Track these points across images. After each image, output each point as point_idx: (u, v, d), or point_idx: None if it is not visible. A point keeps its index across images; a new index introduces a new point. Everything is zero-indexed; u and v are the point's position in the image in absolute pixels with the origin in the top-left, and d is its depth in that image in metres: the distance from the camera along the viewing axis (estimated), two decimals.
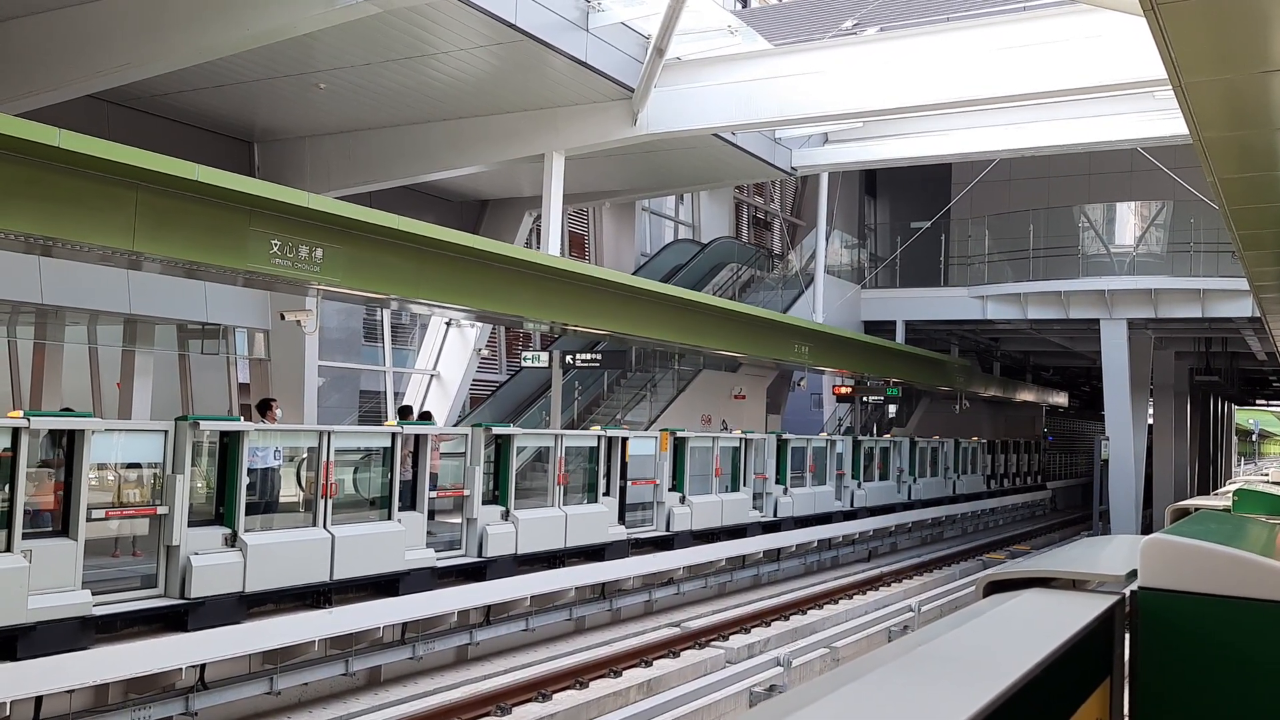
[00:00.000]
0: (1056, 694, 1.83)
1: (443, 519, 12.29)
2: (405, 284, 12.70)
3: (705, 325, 18.83)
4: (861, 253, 31.43)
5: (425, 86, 15.44)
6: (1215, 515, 4.70)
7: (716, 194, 30.17)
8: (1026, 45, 14.50)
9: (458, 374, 22.30)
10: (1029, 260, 27.08)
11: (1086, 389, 41.68)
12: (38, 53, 12.12)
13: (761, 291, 27.58)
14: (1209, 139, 7.04)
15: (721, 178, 23.04)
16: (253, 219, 10.62)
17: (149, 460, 9.22)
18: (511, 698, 10.22)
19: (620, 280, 17.01)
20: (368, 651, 10.65)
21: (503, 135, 16.83)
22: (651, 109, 16.05)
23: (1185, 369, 32.43)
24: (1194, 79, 5.97)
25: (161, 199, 9.76)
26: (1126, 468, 24.64)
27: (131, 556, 9.30)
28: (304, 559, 9.78)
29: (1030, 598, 2.25)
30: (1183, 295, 23.86)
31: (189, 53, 12.13)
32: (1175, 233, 25.79)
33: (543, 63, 14.64)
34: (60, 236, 9.16)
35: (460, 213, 22.28)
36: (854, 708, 1.41)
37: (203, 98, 15.63)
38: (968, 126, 18.86)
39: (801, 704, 1.36)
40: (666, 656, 12.25)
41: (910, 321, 27.92)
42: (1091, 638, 2.02)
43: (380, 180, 17.76)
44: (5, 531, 7.53)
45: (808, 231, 30.46)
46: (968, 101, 16.00)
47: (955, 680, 1.58)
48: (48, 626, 7.59)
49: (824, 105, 16.03)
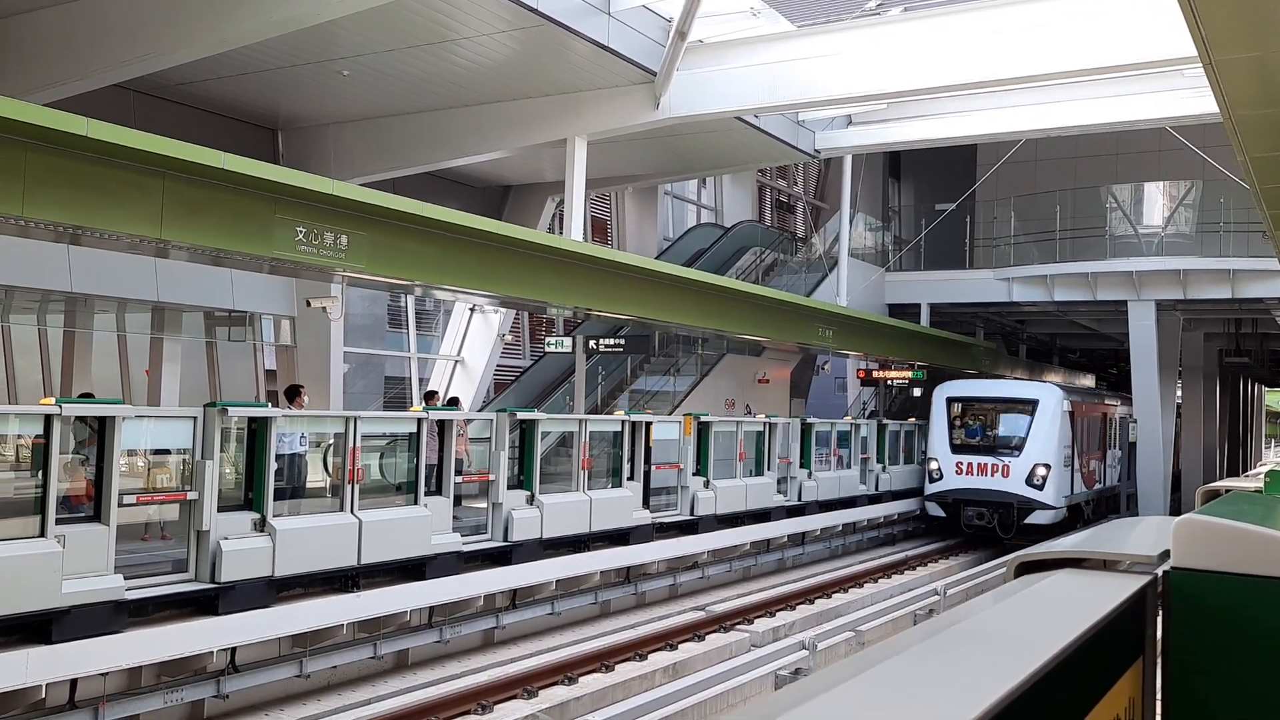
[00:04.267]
0: (1089, 674, 1.82)
1: (469, 504, 12.37)
2: (429, 270, 12.74)
3: (728, 309, 18.79)
4: (885, 235, 31.23)
5: (447, 72, 15.45)
6: (1248, 496, 4.66)
7: (739, 177, 30.04)
8: (1052, 23, 14.33)
9: (482, 359, 22.37)
10: (1055, 241, 26.81)
11: (1114, 371, 41.33)
12: (64, 43, 12.20)
13: (785, 275, 27.48)
14: (1240, 117, 6.95)
15: (744, 161, 22.94)
16: (278, 206, 10.67)
17: (178, 446, 9.32)
18: (538, 680, 10.28)
19: (643, 265, 16.99)
20: (395, 635, 10.74)
21: (525, 120, 16.82)
22: (674, 92, 15.98)
23: (1214, 350, 32.09)
24: (1224, 56, 5.89)
25: (188, 187, 9.82)
26: (1155, 450, 24.44)
27: (161, 541, 9.41)
28: (332, 544, 9.86)
29: (1062, 578, 2.24)
30: (1212, 276, 23.58)
31: (212, 41, 12.18)
32: (1204, 213, 25.47)
33: (564, 47, 14.60)
34: (88, 225, 9.25)
35: (483, 198, 22.31)
36: (886, 686, 1.41)
37: (227, 86, 15.71)
38: (993, 107, 18.68)
39: (833, 683, 1.36)
40: (692, 640, 12.29)
41: (935, 304, 27.73)
42: (1124, 618, 2.01)
43: (403, 166, 17.81)
44: (39, 517, 7.63)
45: (831, 214, 30.30)
46: (993, 81, 15.84)
47: (987, 659, 1.58)
48: (81, 610, 7.69)
49: (847, 87, 15.91)
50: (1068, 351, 38.28)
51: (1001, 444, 21.42)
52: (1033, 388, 22.81)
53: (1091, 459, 23.64)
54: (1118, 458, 26.79)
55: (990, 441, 21.57)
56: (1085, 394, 26.79)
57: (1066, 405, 21.70)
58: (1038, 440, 21.00)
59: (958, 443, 21.61)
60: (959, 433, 21.84)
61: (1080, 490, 22.49)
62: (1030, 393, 22.03)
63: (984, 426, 21.88)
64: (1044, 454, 20.88)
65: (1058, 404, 21.46)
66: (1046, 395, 21.67)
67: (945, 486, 21.34)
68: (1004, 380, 26.10)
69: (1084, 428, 22.97)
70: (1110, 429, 26.01)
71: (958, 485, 21.16)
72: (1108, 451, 25.78)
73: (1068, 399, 21.90)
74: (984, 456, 21.21)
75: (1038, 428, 21.12)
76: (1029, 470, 20.75)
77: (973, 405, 22.17)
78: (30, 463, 8.25)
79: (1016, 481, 20.71)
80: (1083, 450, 22.84)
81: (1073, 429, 21.96)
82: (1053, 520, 20.64)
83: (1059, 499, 20.93)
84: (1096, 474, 24.06)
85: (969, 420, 22.01)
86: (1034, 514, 20.60)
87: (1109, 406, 26.36)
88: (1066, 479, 21.43)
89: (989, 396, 22.40)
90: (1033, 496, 20.65)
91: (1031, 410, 21.34)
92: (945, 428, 21.75)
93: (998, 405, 22.04)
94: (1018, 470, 20.80)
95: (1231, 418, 40.36)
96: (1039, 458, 20.84)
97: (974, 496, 20.89)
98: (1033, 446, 20.98)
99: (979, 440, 21.66)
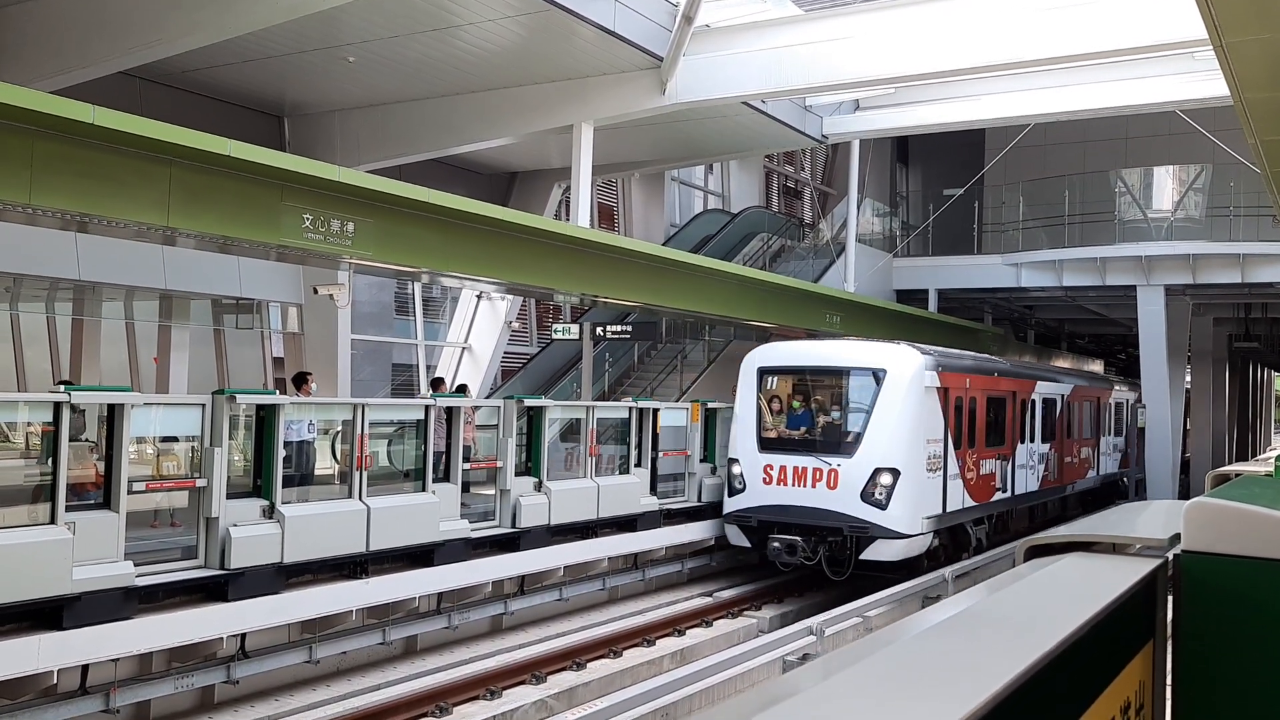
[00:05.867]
0: (1100, 657, 1.81)
1: (477, 490, 12.39)
2: (436, 257, 12.74)
3: (736, 296, 18.76)
4: (893, 221, 31.12)
5: (453, 58, 15.41)
6: (1259, 480, 4.64)
7: (746, 163, 29.96)
8: (1062, 6, 14.24)
9: (489, 347, 22.39)
10: (1064, 226, 26.69)
11: (1123, 356, 41.22)
12: (70, 31, 12.19)
13: (792, 261, 27.42)
14: (1250, 100, 6.90)
15: (751, 147, 22.87)
16: (285, 193, 10.67)
17: (187, 434, 9.35)
18: (546, 666, 10.32)
19: (650, 251, 16.97)
20: (404, 621, 10.78)
21: (531, 106, 16.79)
22: (680, 78, 15.93)
23: (1224, 335, 31.95)
24: (1235, 38, 5.85)
25: (195, 174, 9.82)
26: (1163, 435, 24.37)
27: (171, 528, 9.45)
28: (340, 530, 9.89)
29: (1072, 562, 2.23)
30: (1222, 260, 23.46)
31: (218, 28, 12.17)
32: (1214, 197, 25.32)
33: (570, 32, 14.55)
34: (96, 213, 9.26)
35: (489, 185, 22.29)
36: (896, 670, 1.41)
37: (233, 73, 15.69)
38: (1002, 91, 18.58)
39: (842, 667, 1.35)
40: (699, 626, 12.31)
41: (943, 290, 27.66)
42: (1134, 601, 2.01)
43: (410, 153, 17.79)
44: (49, 504, 7.67)
45: (839, 200, 30.22)
46: (1002, 65, 15.75)
47: (997, 643, 1.57)
48: (92, 597, 7.73)
49: (855, 71, 15.85)
50: (1076, 337, 38.19)
51: (826, 438, 14.50)
52: (879, 352, 14.90)
53: (989, 458, 16.50)
54: (1115, 445, 24.11)
55: (815, 434, 14.66)
56: (984, 363, 17.96)
57: (931, 378, 14.49)
58: (881, 432, 14.02)
59: (769, 436, 14.75)
60: (776, 421, 15.00)
61: (963, 506, 15.44)
62: (872, 358, 14.62)
63: (812, 411, 14.93)
64: (889, 453, 13.90)
65: (916, 376, 14.24)
66: (898, 363, 14.36)
67: (748, 502, 14.45)
68: (840, 341, 17.46)
69: (975, 412, 16.07)
70: (1073, 415, 21.13)
71: (765, 500, 14.29)
72: (1071, 443, 20.88)
73: (937, 369, 14.69)
74: (802, 457, 14.21)
75: (882, 413, 14.08)
76: (866, 478, 13.81)
77: (792, 378, 15.25)
78: (40, 450, 8.29)
79: (847, 495, 13.84)
80: (975, 445, 15.97)
81: (951, 415, 15.04)
82: (904, 555, 13.95)
83: (914, 521, 13.95)
84: (998, 479, 16.92)
85: (791, 402, 15.14)
86: (874, 545, 13.70)
87: (1045, 382, 19.72)
88: (933, 491, 14.48)
89: (810, 365, 15.24)
90: (869, 518, 13.70)
91: (874, 385, 14.33)
92: (754, 414, 14.88)
93: (823, 378, 15.11)
94: (849, 478, 13.87)
95: (1241, 403, 40.21)
96: (882, 459, 13.83)
97: (785, 517, 14.07)
98: (873, 442, 13.98)
99: (800, 432, 14.75)
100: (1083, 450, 22.03)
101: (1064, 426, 20.47)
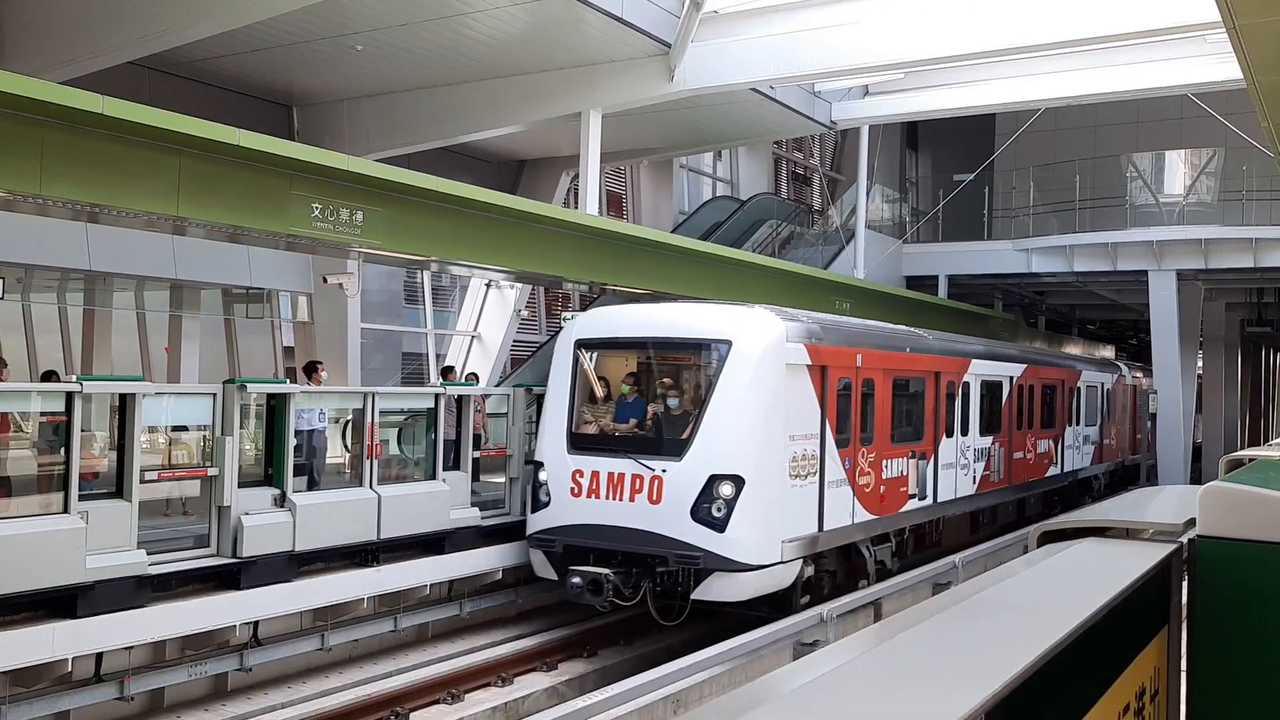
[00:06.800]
0: (1115, 642, 1.80)
1: (488, 478, 12.41)
2: (445, 245, 12.74)
3: (745, 282, 18.71)
4: (903, 207, 31.01)
5: (461, 46, 15.38)
6: (1274, 464, 4.61)
7: (755, 150, 29.85)
8: None
9: (498, 335, 22.37)
10: (1075, 212, 26.57)
11: (1134, 342, 41.07)
12: (79, 21, 12.19)
13: (802, 248, 27.34)
14: (1264, 83, 6.84)
15: (760, 133, 22.79)
16: (294, 183, 10.67)
17: (199, 423, 9.38)
18: (556, 655, 10.36)
19: (659, 239, 16.94)
20: (415, 609, 10.81)
21: (539, 94, 16.74)
22: (689, 64, 15.86)
23: (1236, 320, 31.80)
24: (1249, 20, 5.80)
25: (204, 164, 9.83)
26: (1175, 421, 24.27)
27: (183, 516, 9.50)
28: (351, 518, 9.93)
29: (1086, 547, 2.22)
30: (1234, 245, 23.32)
31: (227, 17, 12.15)
32: (1227, 181, 25.16)
33: (578, 19, 14.50)
34: (106, 203, 9.27)
35: (498, 173, 22.25)
36: (908, 655, 1.40)
37: (241, 62, 15.68)
38: (1012, 75, 18.47)
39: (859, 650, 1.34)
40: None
41: (953, 276, 27.57)
42: (1149, 586, 1.99)
43: (418, 142, 17.76)
44: (62, 493, 7.71)
45: (848, 186, 30.10)
46: (1012, 49, 15.64)
47: (1010, 629, 1.56)
48: (105, 585, 7.78)
49: (864, 56, 15.75)
50: (1087, 323, 38.06)
51: (649, 435, 10.86)
52: (724, 318, 11.12)
53: (897, 457, 12.93)
54: (1086, 437, 21.20)
55: (639, 430, 10.99)
56: (888, 336, 13.89)
57: (798, 353, 10.81)
58: (720, 425, 10.38)
59: (582, 432, 11.13)
60: (597, 412, 11.41)
61: (853, 520, 11.87)
62: (713, 326, 10.96)
63: (644, 397, 11.28)
64: (731, 454, 10.30)
65: (773, 350, 10.62)
66: (747, 332, 10.75)
67: (553, 520, 10.85)
68: (684, 305, 12.81)
69: (875, 398, 12.37)
70: (1026, 401, 17.78)
71: (573, 518, 10.69)
72: (1024, 435, 17.57)
73: (808, 340, 11.05)
74: (619, 460, 10.56)
75: (722, 401, 10.43)
76: (699, 488, 10.21)
77: (617, 355, 11.73)
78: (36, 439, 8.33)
79: (674, 512, 10.22)
80: (874, 441, 12.31)
81: (833, 402, 11.33)
82: (754, 592, 10.35)
83: (767, 546, 10.34)
84: (912, 483, 13.37)
85: (621, 386, 11.49)
86: (709, 581, 10.09)
87: (984, 360, 15.93)
88: (800, 504, 10.86)
89: (636, 338, 11.49)
90: (701, 543, 10.08)
91: (715, 362, 10.66)
92: (565, 402, 11.26)
93: (653, 353, 11.41)
94: (677, 488, 10.26)
95: (1253, 388, 40.06)
96: (720, 462, 10.25)
97: (598, 540, 10.47)
98: (708, 439, 10.36)
99: (628, 426, 11.09)
100: (1040, 443, 18.46)
101: (1012, 415, 17.01)
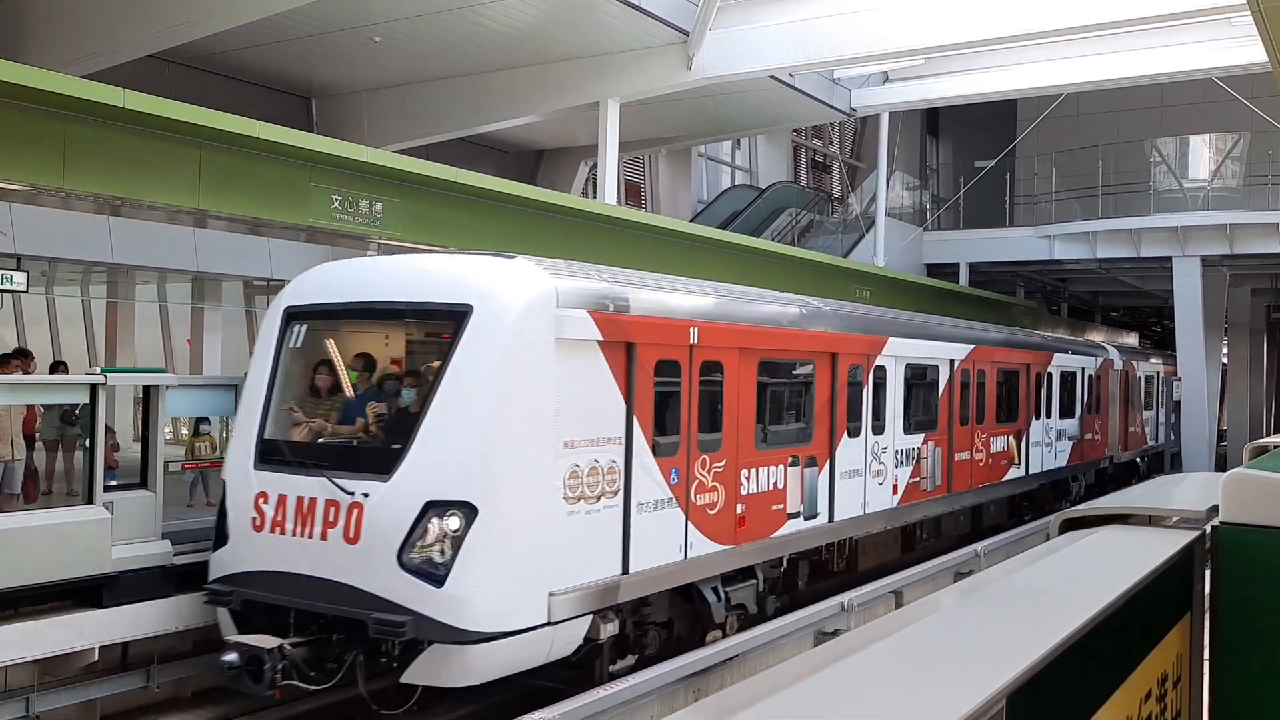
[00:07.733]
0: (1137, 629, 1.79)
1: None
2: (464, 235, 12.77)
3: (764, 271, 18.64)
4: (923, 194, 30.84)
5: (479, 36, 15.38)
6: None
7: (774, 138, 29.76)
8: None
9: None
10: (1098, 197, 26.34)
11: (1158, 329, 40.75)
12: (99, 15, 12.28)
13: (821, 236, 27.26)
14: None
15: (779, 121, 22.71)
16: (314, 174, 10.73)
17: (223, 414, 9.44)
18: None
19: (677, 228, 16.91)
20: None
21: (557, 84, 16.74)
22: (707, 53, 15.82)
23: (1262, 306, 31.48)
24: (1274, 3, 5.72)
25: (225, 156, 9.88)
26: (1199, 407, 24.08)
27: (207, 507, 9.56)
28: None
29: (1108, 534, 2.21)
30: (1260, 230, 23.07)
31: (246, 10, 12.21)
32: (1252, 165, 24.89)
33: (595, 7, 14.48)
34: (127, 195, 9.35)
35: (516, 164, 22.28)
36: (936, 640, 1.40)
37: (260, 54, 15.75)
38: (1033, 60, 18.34)
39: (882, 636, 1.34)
40: None
41: (974, 263, 27.40)
42: (1172, 573, 1.98)
43: (437, 133, 17.81)
44: (87, 484, 7.78)
45: (868, 174, 29.97)
46: (1034, 34, 15.52)
47: (1032, 616, 1.56)
48: (131, 576, 7.84)
49: (883, 43, 15.67)
50: (1110, 310, 37.76)
51: (350, 444, 7.90)
52: (469, 275, 7.67)
53: (765, 464, 9.74)
54: (1061, 432, 17.73)
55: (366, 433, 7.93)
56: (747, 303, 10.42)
57: (580, 323, 7.58)
58: (447, 429, 7.16)
59: (275, 435, 7.88)
60: (314, 408, 8.12)
61: (686, 555, 8.62)
62: (449, 288, 7.60)
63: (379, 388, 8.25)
64: (457, 472, 7.06)
65: (532, 318, 7.37)
66: (495, 295, 7.40)
67: (230, 564, 7.62)
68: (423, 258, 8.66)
69: (724, 386, 9.14)
70: (973, 390, 14.44)
71: (253, 562, 7.48)
72: (967, 430, 14.18)
73: (603, 306, 7.83)
74: (311, 479, 7.34)
75: (452, 393, 7.16)
76: (411, 521, 6.94)
77: (334, 328, 8.43)
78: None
79: (375, 555, 7.00)
80: (724, 444, 9.07)
81: (648, 392, 8.16)
82: (498, 670, 7.12)
83: (519, 605, 7.09)
84: (798, 497, 10.25)
85: (349, 370, 8.38)
86: (424, 657, 6.82)
87: (905, 339, 12.53)
88: (584, 538, 7.55)
89: (355, 303, 8.05)
90: (410, 603, 6.81)
91: (447, 340, 7.45)
92: (262, 394, 8.01)
93: (374, 325, 8.44)
94: (379, 522, 7.04)
95: (1279, 374, 39.68)
96: (441, 486, 7.02)
97: (279, 594, 7.26)
98: (426, 450, 7.13)
99: (351, 429, 7.97)
100: (996, 441, 15.31)
101: (952, 407, 13.82)
